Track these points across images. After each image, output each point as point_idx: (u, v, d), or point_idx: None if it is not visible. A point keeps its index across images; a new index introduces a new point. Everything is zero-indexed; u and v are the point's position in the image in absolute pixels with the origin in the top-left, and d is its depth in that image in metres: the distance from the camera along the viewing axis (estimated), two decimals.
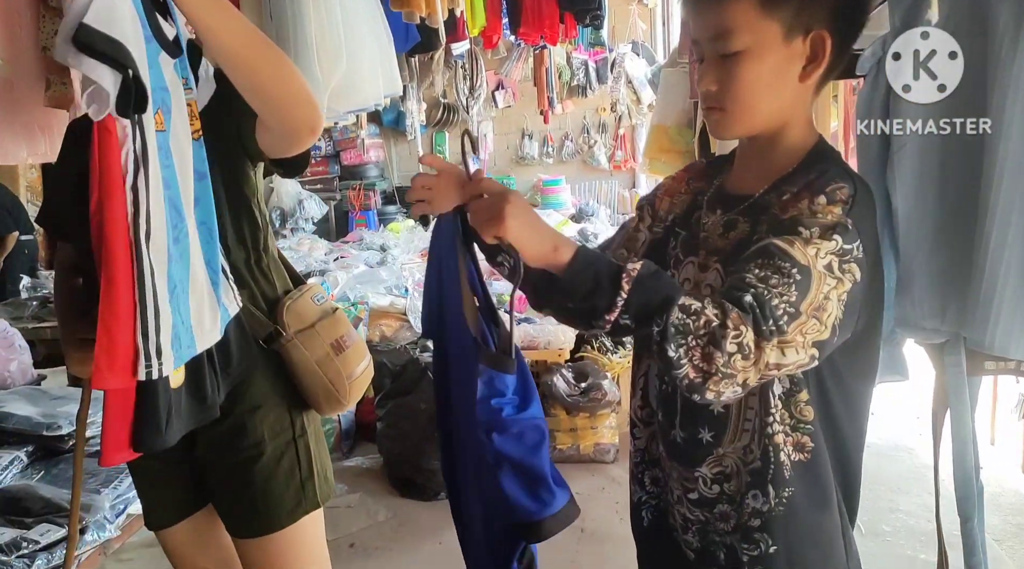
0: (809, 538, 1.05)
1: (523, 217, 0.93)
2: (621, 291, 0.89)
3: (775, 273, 0.90)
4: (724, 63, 1.00)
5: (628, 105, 7.71)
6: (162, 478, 1.56)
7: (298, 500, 1.50)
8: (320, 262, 5.45)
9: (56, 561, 1.98)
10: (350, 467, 3.47)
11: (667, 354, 0.88)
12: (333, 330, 1.53)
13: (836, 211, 0.94)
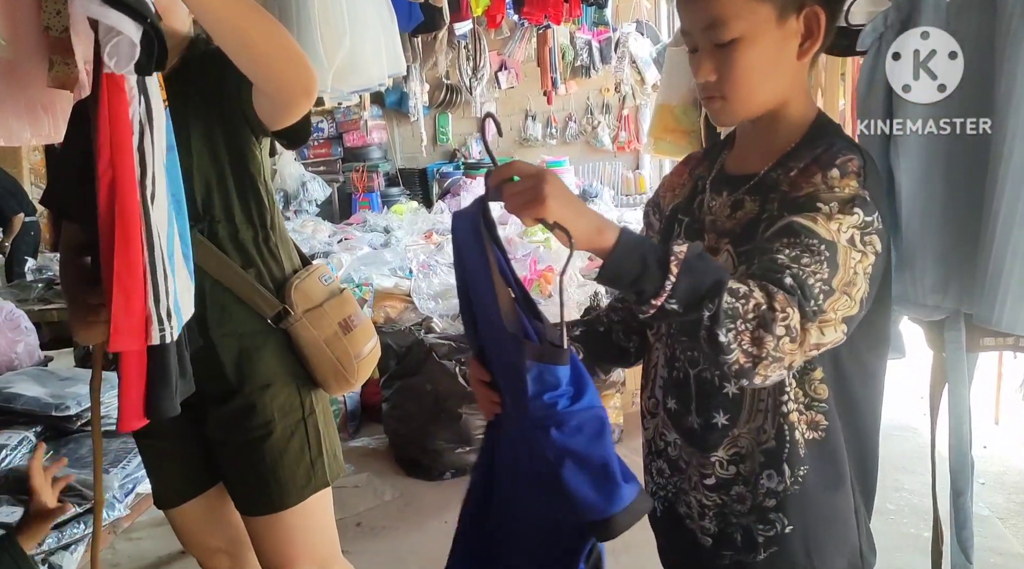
0: (823, 517, 1.05)
1: (564, 197, 0.87)
2: (670, 274, 0.85)
3: (805, 252, 0.90)
4: (720, 52, 0.99)
5: (632, 85, 7.67)
6: (172, 457, 1.57)
7: (308, 478, 1.51)
8: (324, 244, 5.45)
9: (67, 539, 2.01)
10: (356, 447, 3.49)
11: (718, 339, 0.86)
12: (341, 309, 1.54)
13: (852, 184, 0.94)
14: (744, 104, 1.02)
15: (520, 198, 0.87)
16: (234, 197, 1.45)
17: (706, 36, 1.00)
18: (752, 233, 1.01)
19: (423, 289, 4.18)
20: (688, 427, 1.10)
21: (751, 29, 0.97)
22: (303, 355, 1.50)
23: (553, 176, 0.88)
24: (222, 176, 1.43)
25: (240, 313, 1.46)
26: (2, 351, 3.33)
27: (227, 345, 1.45)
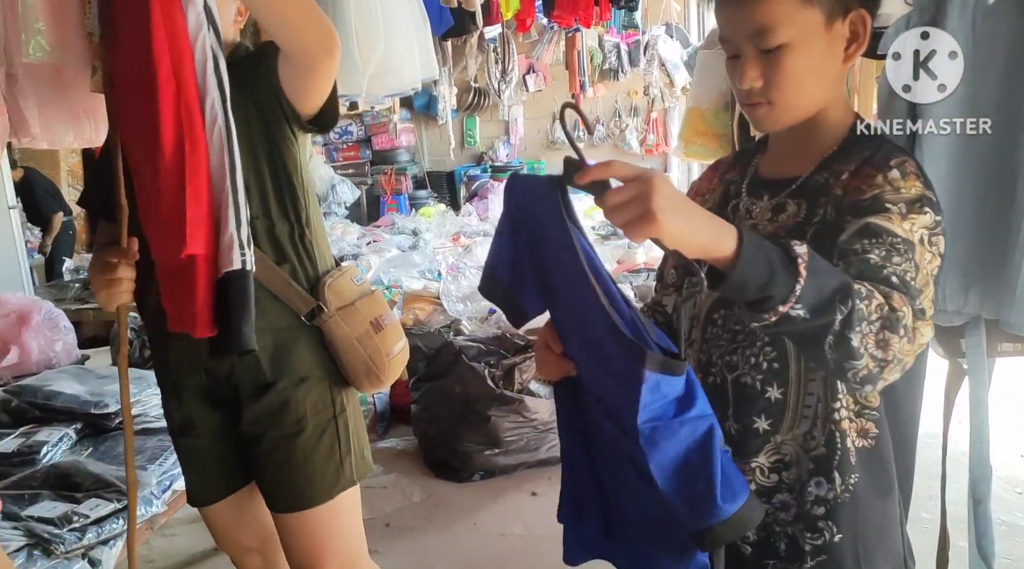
0: (873, 525, 1.03)
1: (676, 209, 0.76)
2: (799, 277, 0.78)
3: (892, 251, 0.88)
4: (766, 58, 0.98)
5: (661, 88, 7.64)
6: (208, 455, 1.59)
7: (337, 476, 1.53)
8: (353, 246, 5.50)
9: (106, 534, 2.04)
10: (385, 448, 3.51)
11: (850, 344, 0.81)
12: (372, 309, 1.56)
13: (917, 184, 0.93)
14: (790, 109, 1.01)
15: (626, 214, 0.76)
16: (271, 193, 1.47)
17: (752, 43, 0.99)
18: (798, 237, 0.98)
19: (452, 291, 4.20)
20: (726, 433, 1.05)
21: (799, 34, 0.96)
22: (335, 352, 1.52)
23: (661, 179, 0.77)
24: (259, 171, 1.46)
25: (274, 309, 1.47)
26: (41, 350, 3.41)
27: (262, 340, 1.45)
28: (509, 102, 7.84)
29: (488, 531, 2.79)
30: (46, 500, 2.09)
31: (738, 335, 1.06)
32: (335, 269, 1.57)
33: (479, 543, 2.72)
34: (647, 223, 0.75)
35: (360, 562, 1.64)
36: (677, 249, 0.78)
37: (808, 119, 1.04)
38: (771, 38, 0.96)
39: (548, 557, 2.61)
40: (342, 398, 1.56)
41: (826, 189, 1.00)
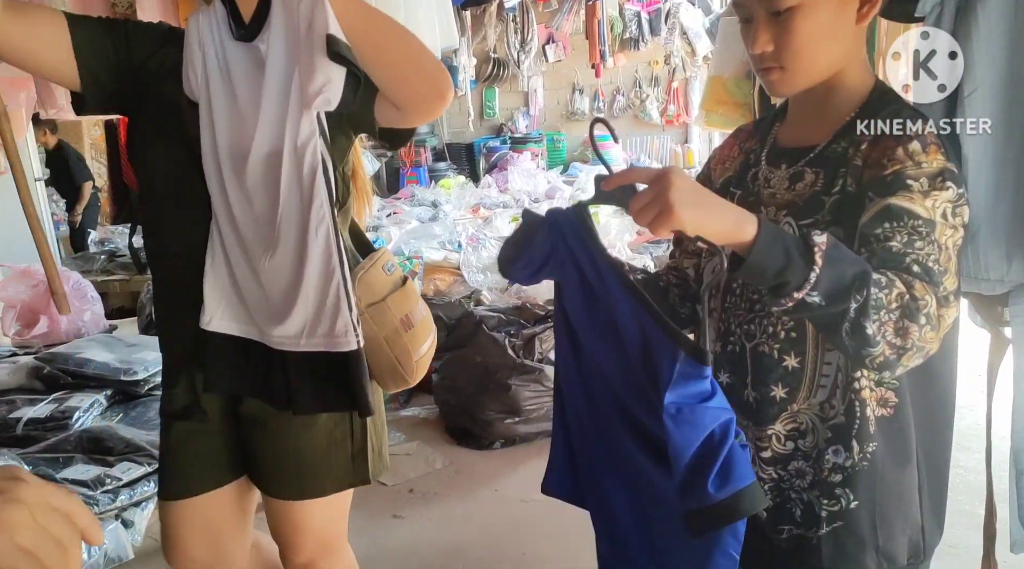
0: (891, 493, 1.04)
1: (693, 200, 0.82)
2: (815, 266, 0.82)
3: (914, 235, 0.90)
4: (777, 21, 0.97)
5: (682, 57, 7.55)
6: (205, 442, 1.47)
7: (346, 471, 1.46)
8: (373, 218, 5.52)
9: (138, 496, 2.11)
10: (407, 417, 3.56)
11: (865, 331, 0.84)
12: (403, 305, 1.49)
13: (938, 157, 0.93)
14: (804, 74, 1.01)
15: (648, 213, 0.83)
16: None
17: (762, 5, 0.98)
18: (816, 206, 1.00)
19: (472, 262, 4.22)
20: (743, 401, 1.09)
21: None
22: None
23: (677, 176, 0.83)
24: None
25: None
26: (70, 319, 3.48)
27: None
28: (529, 73, 7.80)
29: (509, 497, 2.83)
30: (79, 463, 2.16)
31: (756, 304, 1.07)
32: (367, 259, 1.49)
33: (501, 509, 2.77)
34: (667, 217, 0.81)
35: (338, 549, 1.59)
36: (699, 236, 0.84)
37: (825, 83, 1.03)
38: (782, 0, 0.96)
39: (570, 523, 2.65)
40: None
41: (845, 159, 1.00)
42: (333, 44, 1.16)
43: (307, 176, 1.26)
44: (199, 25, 1.29)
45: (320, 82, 1.19)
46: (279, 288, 1.32)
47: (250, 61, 1.28)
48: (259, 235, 1.31)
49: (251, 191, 1.29)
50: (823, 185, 1.01)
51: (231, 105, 1.28)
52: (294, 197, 1.28)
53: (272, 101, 1.26)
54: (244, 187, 1.29)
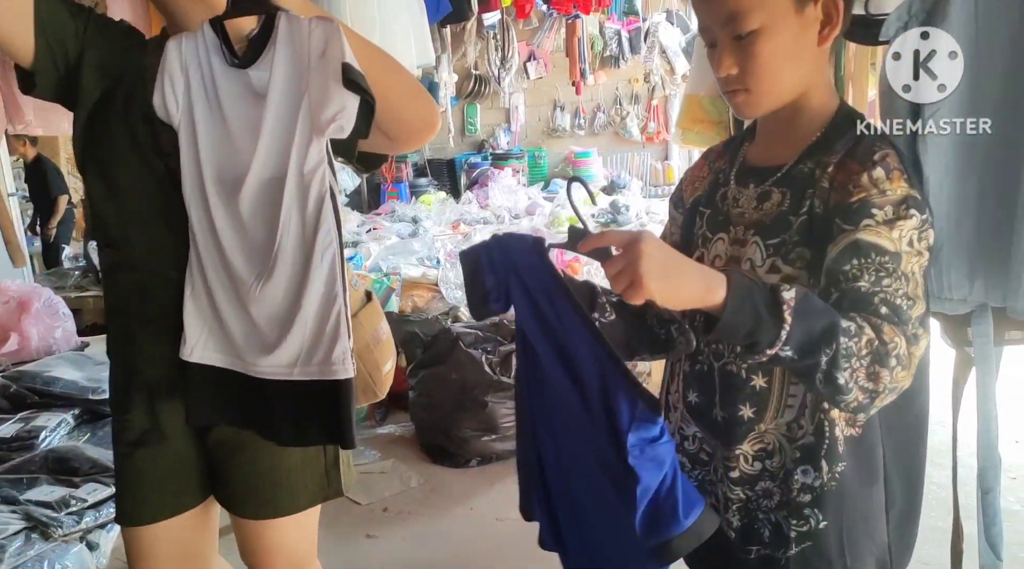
0: (858, 513, 1.04)
1: (663, 272, 0.84)
2: (784, 324, 0.84)
3: (881, 272, 0.91)
4: (740, 44, 0.98)
5: (661, 75, 7.62)
6: (167, 466, 1.43)
7: (320, 486, 1.46)
8: (353, 234, 5.51)
9: (103, 518, 2.06)
10: (383, 435, 3.54)
11: (837, 382, 0.87)
12: (372, 320, 1.51)
13: (901, 184, 0.94)
14: (768, 95, 1.02)
15: (620, 282, 0.85)
16: None
17: (725, 29, 0.99)
18: (783, 226, 1.01)
19: (450, 278, 4.21)
20: (712, 420, 1.09)
21: (770, 19, 0.96)
22: None
23: (647, 244, 0.84)
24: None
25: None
26: (41, 336, 3.42)
27: None
28: (510, 89, 7.83)
29: (484, 516, 2.81)
30: (44, 484, 2.11)
31: None
32: None
33: (476, 528, 2.75)
34: (638, 288, 0.83)
35: (314, 559, 1.58)
36: (670, 306, 0.86)
37: (791, 104, 1.04)
38: (743, 24, 0.97)
39: None
40: None
41: (812, 180, 1.01)
42: (349, 72, 1.17)
43: (314, 202, 1.25)
44: (183, 49, 1.26)
45: (334, 110, 1.19)
46: (271, 316, 1.29)
47: (243, 87, 1.26)
48: (251, 262, 1.29)
49: (245, 218, 1.27)
50: (790, 205, 1.02)
51: (220, 131, 1.27)
52: (295, 224, 1.26)
53: (274, 127, 1.24)
54: (236, 214, 1.27)
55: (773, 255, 1.01)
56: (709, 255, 1.11)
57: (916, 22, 1.28)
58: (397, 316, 3.73)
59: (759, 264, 1.03)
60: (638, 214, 5.82)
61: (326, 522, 2.79)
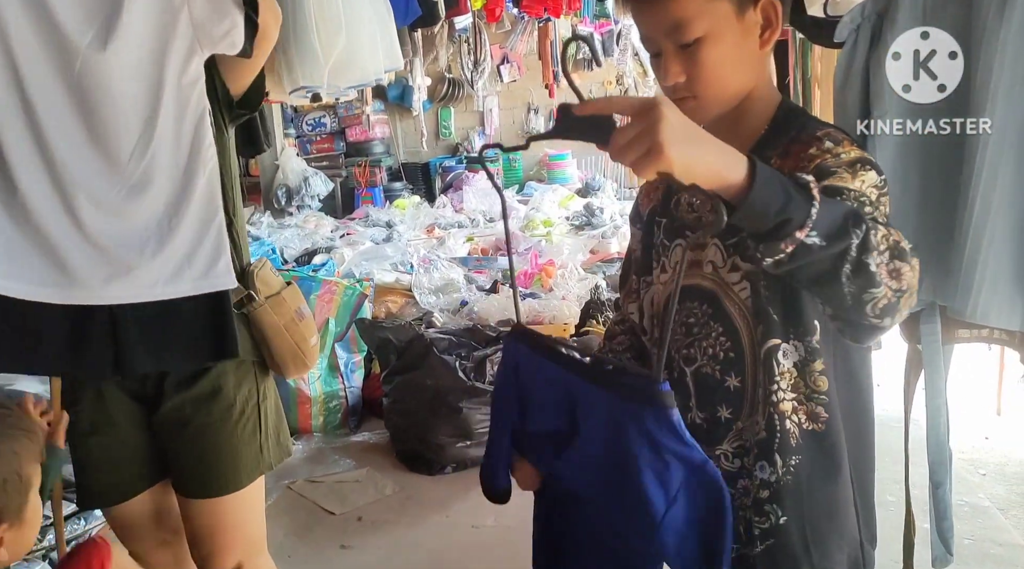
0: (821, 509, 1.04)
1: (685, 138, 0.75)
2: (814, 201, 0.77)
3: (860, 200, 0.89)
4: (685, 53, 0.99)
5: (634, 78, 7.64)
6: (124, 450, 1.54)
7: (257, 462, 1.55)
8: (326, 239, 5.46)
9: (68, 535, 2.02)
10: (357, 442, 3.50)
11: (869, 268, 0.80)
12: (295, 298, 1.61)
13: (853, 148, 0.94)
14: (716, 100, 1.03)
15: (633, 151, 0.75)
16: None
17: (670, 39, 1.00)
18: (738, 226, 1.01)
19: (424, 284, 4.19)
20: (692, 423, 1.09)
21: (713, 26, 0.97)
22: (264, 339, 1.55)
23: (669, 110, 0.75)
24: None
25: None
26: None
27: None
28: (483, 92, 7.82)
29: (460, 523, 2.79)
30: None
31: (693, 328, 1.07)
32: (257, 260, 1.60)
33: (451, 535, 2.72)
34: (655, 157, 0.74)
35: (262, 551, 1.65)
36: (691, 180, 0.76)
37: (737, 106, 1.05)
38: (687, 32, 0.98)
39: (520, 548, 2.61)
40: (266, 385, 1.60)
41: None
42: None
43: (193, 116, 1.28)
44: None
45: (228, 25, 1.22)
46: (139, 232, 1.31)
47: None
48: (109, 175, 1.29)
49: (101, 127, 1.27)
50: None
51: (48, 36, 1.24)
52: (171, 135, 1.28)
53: (139, 36, 1.23)
54: (85, 124, 1.26)
55: (733, 253, 1.02)
56: (670, 262, 1.11)
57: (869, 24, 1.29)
58: (370, 322, 3.70)
59: (721, 264, 1.03)
60: (612, 216, 5.82)
61: (299, 532, 2.77)
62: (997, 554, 2.42)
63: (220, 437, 1.50)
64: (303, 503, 2.98)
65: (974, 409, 3.39)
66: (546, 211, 6.09)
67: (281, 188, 7.15)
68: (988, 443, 3.19)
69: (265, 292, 1.54)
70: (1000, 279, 1.28)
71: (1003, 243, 1.27)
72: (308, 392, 3.52)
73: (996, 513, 2.68)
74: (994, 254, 1.26)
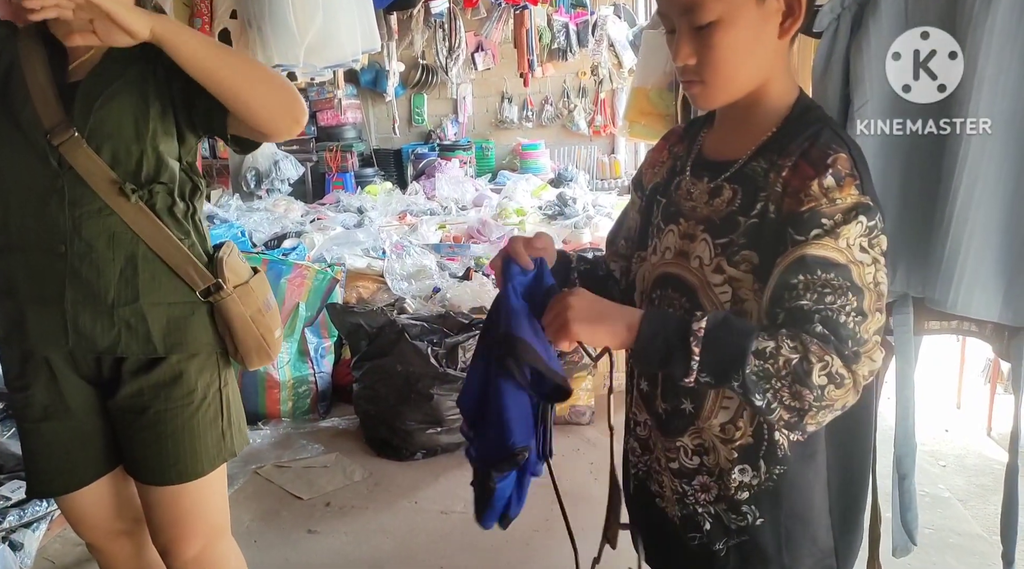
0: (797, 515, 1.05)
1: (586, 317, 0.95)
2: (693, 356, 0.90)
3: (826, 288, 0.90)
4: (699, 35, 0.96)
5: (609, 69, 7.65)
6: (79, 436, 1.51)
7: (219, 448, 1.53)
8: (296, 224, 5.39)
9: (28, 517, 1.98)
10: (326, 428, 3.47)
11: (755, 403, 0.90)
12: (262, 288, 1.58)
13: (852, 191, 0.92)
14: (724, 88, 1.00)
15: (552, 327, 0.98)
16: (175, 170, 1.46)
17: (684, 18, 0.97)
18: (731, 226, 1.00)
19: (396, 269, 4.16)
20: (656, 410, 1.10)
21: (730, 10, 0.94)
22: (229, 329, 1.52)
23: (574, 299, 0.96)
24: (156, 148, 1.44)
25: (170, 283, 1.46)
26: None
27: (156, 313, 1.45)
28: (457, 80, 7.77)
29: (429, 509, 2.78)
30: None
31: None
32: (224, 246, 1.56)
33: (419, 521, 2.72)
34: (564, 331, 0.96)
35: (225, 536, 1.63)
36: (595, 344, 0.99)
37: (749, 97, 1.02)
38: (701, 14, 0.95)
39: (488, 533, 2.61)
40: (227, 372, 1.58)
41: (766, 181, 0.98)
42: None
43: None
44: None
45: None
46: None
47: None
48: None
49: None
50: (740, 204, 1.00)
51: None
52: None
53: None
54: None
55: (720, 255, 1.00)
56: (661, 246, 1.10)
57: (849, 14, 1.29)
58: (341, 307, 3.66)
59: (707, 262, 1.02)
60: (585, 207, 5.82)
61: (266, 517, 2.74)
62: (956, 543, 2.48)
63: (180, 423, 1.47)
64: (270, 488, 2.95)
65: (935, 402, 3.47)
66: (519, 200, 6.07)
67: (250, 171, 7.05)
68: (948, 435, 3.27)
69: (234, 281, 1.51)
70: (981, 271, 1.29)
71: (985, 235, 1.28)
72: (277, 377, 3.48)
73: (956, 504, 2.75)
74: (976, 245, 1.28)
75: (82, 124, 1.35)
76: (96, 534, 1.59)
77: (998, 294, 1.31)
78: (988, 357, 3.37)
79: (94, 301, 1.40)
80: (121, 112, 1.37)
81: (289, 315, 3.55)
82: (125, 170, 1.39)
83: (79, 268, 1.38)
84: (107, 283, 1.40)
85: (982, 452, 3.14)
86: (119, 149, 1.38)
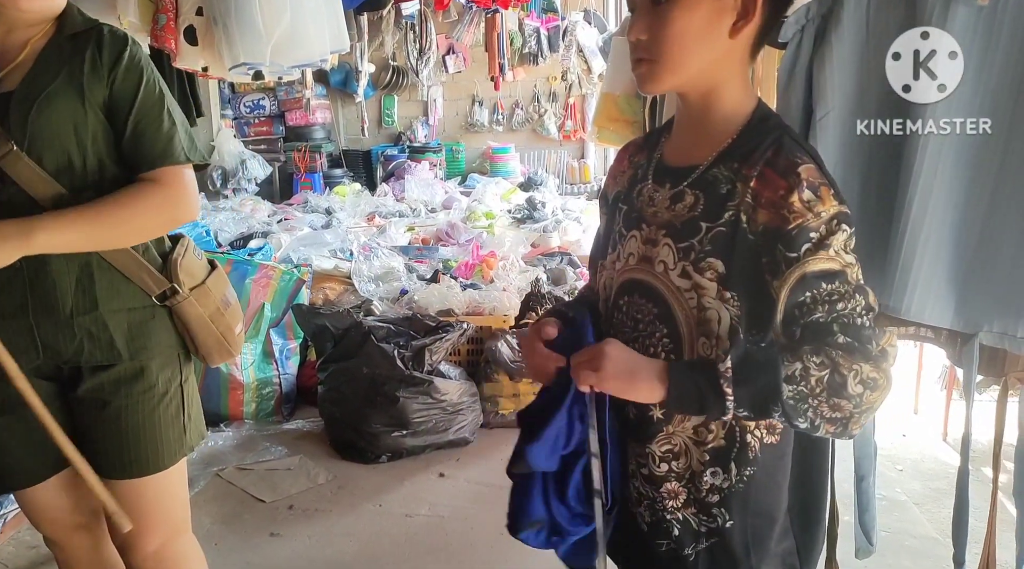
0: (764, 515, 1.07)
1: (621, 372, 0.97)
2: (727, 396, 0.92)
3: (834, 296, 0.93)
4: (655, 10, 0.99)
5: (579, 74, 7.68)
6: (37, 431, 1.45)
7: (180, 443, 1.54)
8: (263, 223, 5.33)
9: None
10: (290, 430, 3.44)
11: (800, 427, 0.93)
12: (220, 286, 1.58)
13: (830, 200, 0.95)
14: (671, 70, 1.00)
15: (582, 372, 0.99)
16: (119, 174, 1.44)
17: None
18: (692, 231, 1.01)
19: (363, 271, 4.13)
20: (626, 416, 1.10)
21: None
22: (189, 330, 1.52)
23: (614, 348, 0.98)
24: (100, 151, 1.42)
25: (128, 290, 1.45)
26: None
27: (117, 320, 1.45)
28: (428, 82, 7.74)
29: (393, 512, 2.77)
30: None
31: (639, 323, 1.07)
32: (179, 245, 1.55)
33: (383, 524, 2.70)
34: (600, 381, 0.97)
35: (186, 532, 1.64)
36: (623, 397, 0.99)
37: (703, 101, 1.03)
38: None
39: (453, 537, 2.61)
40: (188, 367, 1.58)
41: (732, 191, 0.99)
42: None
43: None
44: None
45: None
46: None
47: None
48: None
49: None
50: (703, 210, 1.01)
51: None
52: None
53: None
54: None
55: (683, 259, 1.01)
56: (624, 252, 1.11)
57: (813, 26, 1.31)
58: (307, 308, 3.63)
59: (672, 266, 1.03)
60: (554, 211, 5.84)
61: (227, 520, 2.71)
62: (912, 546, 2.53)
63: (141, 418, 1.47)
64: (232, 491, 2.92)
65: (893, 408, 3.54)
66: (488, 203, 6.07)
67: (217, 170, 6.95)
68: (905, 440, 3.33)
69: (190, 283, 1.51)
70: (935, 278, 1.32)
71: (939, 243, 1.31)
72: (241, 378, 3.44)
73: (912, 507, 2.80)
74: (930, 253, 1.30)
75: (20, 136, 1.33)
76: (55, 528, 1.59)
77: (950, 301, 1.34)
78: (944, 364, 3.44)
79: (52, 313, 1.39)
80: (59, 119, 1.35)
81: (254, 316, 3.52)
82: (69, 179, 1.37)
83: (35, 281, 1.37)
84: (63, 294, 1.39)
85: (938, 457, 3.21)
86: (60, 158, 1.36)
